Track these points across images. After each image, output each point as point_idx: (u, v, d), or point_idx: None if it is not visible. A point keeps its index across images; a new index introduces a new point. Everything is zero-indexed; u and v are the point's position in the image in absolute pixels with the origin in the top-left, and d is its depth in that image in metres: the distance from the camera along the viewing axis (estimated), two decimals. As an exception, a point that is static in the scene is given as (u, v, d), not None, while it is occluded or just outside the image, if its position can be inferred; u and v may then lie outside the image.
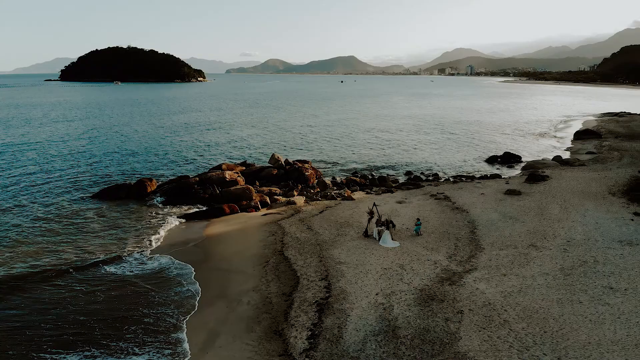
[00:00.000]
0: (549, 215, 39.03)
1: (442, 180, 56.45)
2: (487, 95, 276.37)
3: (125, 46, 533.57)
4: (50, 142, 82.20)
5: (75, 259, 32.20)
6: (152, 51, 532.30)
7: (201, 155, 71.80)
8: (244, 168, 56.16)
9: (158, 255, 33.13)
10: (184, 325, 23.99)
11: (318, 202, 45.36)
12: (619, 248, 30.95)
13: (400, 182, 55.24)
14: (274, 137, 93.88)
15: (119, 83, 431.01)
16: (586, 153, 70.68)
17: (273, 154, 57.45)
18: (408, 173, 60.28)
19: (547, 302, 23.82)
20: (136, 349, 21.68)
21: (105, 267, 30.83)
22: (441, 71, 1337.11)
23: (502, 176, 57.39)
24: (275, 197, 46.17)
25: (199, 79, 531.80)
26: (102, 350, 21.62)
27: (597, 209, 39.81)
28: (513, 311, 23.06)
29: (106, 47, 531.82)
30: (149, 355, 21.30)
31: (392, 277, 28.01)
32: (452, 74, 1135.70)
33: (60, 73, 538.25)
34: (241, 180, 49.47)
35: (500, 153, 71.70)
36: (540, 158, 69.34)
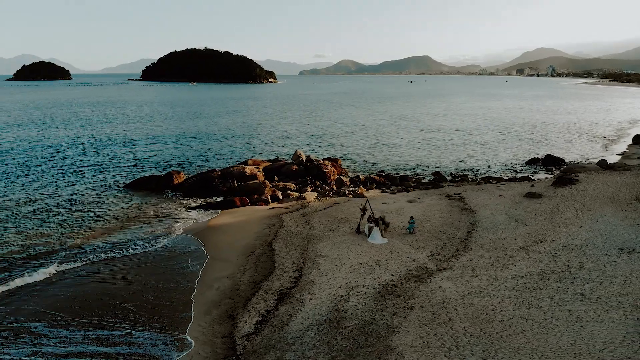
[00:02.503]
0: (559, 219, 37.15)
1: (469, 181, 54.93)
2: (561, 96, 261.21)
3: (202, 48, 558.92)
4: (105, 136, 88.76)
5: (85, 240, 35.17)
6: (226, 53, 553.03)
7: (239, 150, 74.54)
8: (269, 163, 57.95)
9: (159, 239, 35.34)
10: (151, 301, 25.71)
11: (328, 198, 46.00)
12: (615, 255, 29.04)
13: (423, 181, 54.41)
14: (318, 134, 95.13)
15: (194, 83, 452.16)
16: (638, 158, 65.56)
17: (296, 150, 58.65)
18: (436, 173, 59.13)
19: (503, 304, 23.08)
20: (111, 325, 23.56)
21: (112, 248, 33.40)
22: (520, 71, 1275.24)
23: (533, 178, 54.85)
24: (289, 192, 47.34)
25: (270, 80, 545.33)
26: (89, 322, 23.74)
27: (615, 215, 37.29)
28: (463, 311, 22.60)
29: (184, 48, 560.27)
30: (113, 334, 23.09)
31: (363, 272, 28.22)
32: (532, 75, 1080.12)
33: (141, 73, 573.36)
34: (261, 175, 51.11)
35: (544, 155, 68.29)
36: (585, 161, 65.30)
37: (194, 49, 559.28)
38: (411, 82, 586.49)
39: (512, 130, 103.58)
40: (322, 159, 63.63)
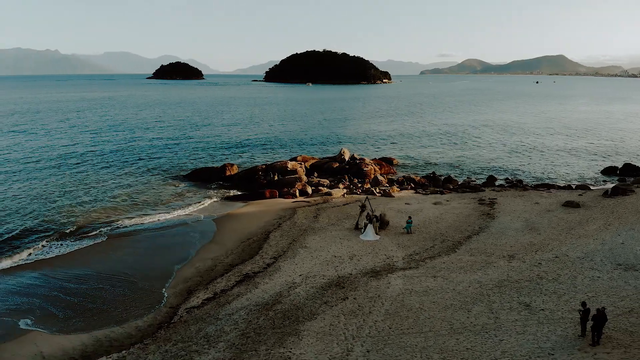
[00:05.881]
0: (578, 230, 34.41)
1: (521, 186, 51.78)
2: None
3: (321, 50, 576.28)
4: (197, 130, 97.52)
5: (123, 214, 40.52)
6: (344, 54, 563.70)
7: (309, 145, 77.62)
8: (317, 160, 60.11)
9: (182, 222, 39.43)
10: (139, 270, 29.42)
11: (354, 196, 46.87)
12: (605, 271, 26.60)
13: (471, 184, 52.65)
14: (393, 133, 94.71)
15: (310, 84, 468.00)
16: None
17: (342, 149, 59.95)
18: (490, 177, 56.58)
19: (433, 305, 22.85)
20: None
21: (138, 223, 38.36)
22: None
23: (592, 187, 50.14)
24: (320, 188, 49.08)
25: (384, 80, 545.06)
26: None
27: (646, 230, 33.41)
28: (389, 306, 22.86)
29: (304, 50, 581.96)
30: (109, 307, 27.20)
31: (331, 264, 29.33)
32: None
33: (264, 74, 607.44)
34: (301, 170, 53.51)
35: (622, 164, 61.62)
36: (675, 173, 57.46)
37: (313, 50, 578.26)
38: (537, 82, 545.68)
39: (603, 136, 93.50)
40: (378, 158, 64.35)
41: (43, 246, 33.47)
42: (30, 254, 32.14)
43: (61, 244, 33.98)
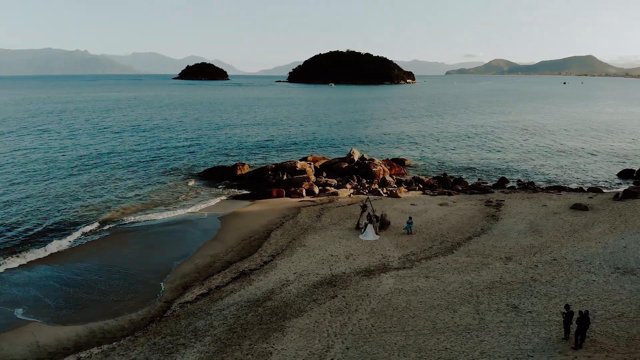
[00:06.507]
0: (582, 233, 33.93)
1: (532, 188, 51.08)
2: None
3: (344, 50, 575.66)
4: (213, 130, 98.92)
5: (131, 210, 41.61)
6: (367, 54, 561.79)
7: (318, 146, 78.00)
8: (327, 160, 60.43)
9: (187, 219, 40.25)
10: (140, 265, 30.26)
11: (360, 196, 46.99)
12: (602, 275, 26.21)
13: (481, 186, 52.25)
14: (410, 133, 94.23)
15: (332, 84, 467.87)
16: None
17: (352, 149, 60.08)
18: (502, 179, 55.95)
19: (421, 305, 22.96)
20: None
21: (143, 219, 39.37)
22: None
23: (604, 190, 49.15)
24: (327, 187, 49.38)
25: (407, 80, 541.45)
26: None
27: (653, 234, 32.71)
28: (375, 305, 23.07)
29: (328, 51, 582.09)
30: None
31: (326, 263, 29.65)
32: None
33: (288, 75, 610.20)
34: (310, 170, 53.89)
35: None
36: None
37: (337, 51, 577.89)
38: (564, 83, 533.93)
39: (623, 138, 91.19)
40: (390, 159, 64.29)
41: (47, 241, 34.48)
42: (35, 249, 33.14)
43: (64, 240, 34.85)
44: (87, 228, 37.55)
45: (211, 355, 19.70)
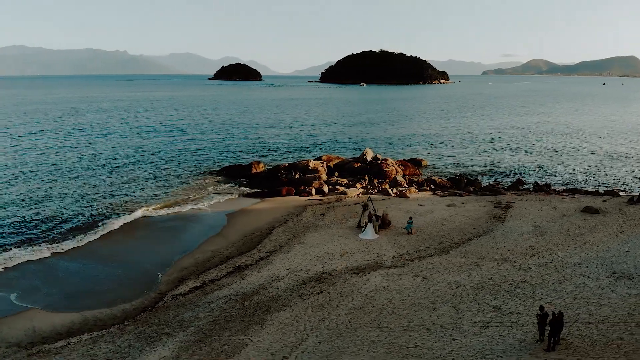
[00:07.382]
0: (586, 237, 33.23)
1: (546, 190, 50.08)
2: None
3: (377, 50, 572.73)
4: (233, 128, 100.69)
5: (145, 205, 43.13)
6: (400, 54, 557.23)
7: (341, 146, 78.34)
8: (342, 159, 60.81)
9: (196, 215, 41.45)
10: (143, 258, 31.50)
11: (365, 195, 47.11)
12: (596, 278, 25.71)
13: (499, 188, 51.59)
14: (433, 133, 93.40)
15: (364, 85, 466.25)
16: None
17: (365, 149, 60.18)
18: (517, 181, 55.07)
19: (402, 303, 23.17)
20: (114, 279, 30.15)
21: (152, 214, 40.79)
22: None
23: (621, 194, 47.72)
24: (337, 187, 49.77)
25: (441, 80, 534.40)
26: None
27: (660, 238, 31.72)
28: (357, 301, 23.41)
29: (361, 51, 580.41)
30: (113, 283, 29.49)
31: (320, 260, 30.14)
32: None
33: (320, 75, 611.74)
34: (322, 169, 54.36)
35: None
36: None
37: (369, 51, 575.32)
38: (604, 84, 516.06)
39: None
40: (407, 159, 64.12)
41: (56, 235, 36.13)
42: (48, 243, 34.77)
43: (71, 235, 36.37)
44: (100, 222, 39.13)
45: (190, 344, 20.51)
